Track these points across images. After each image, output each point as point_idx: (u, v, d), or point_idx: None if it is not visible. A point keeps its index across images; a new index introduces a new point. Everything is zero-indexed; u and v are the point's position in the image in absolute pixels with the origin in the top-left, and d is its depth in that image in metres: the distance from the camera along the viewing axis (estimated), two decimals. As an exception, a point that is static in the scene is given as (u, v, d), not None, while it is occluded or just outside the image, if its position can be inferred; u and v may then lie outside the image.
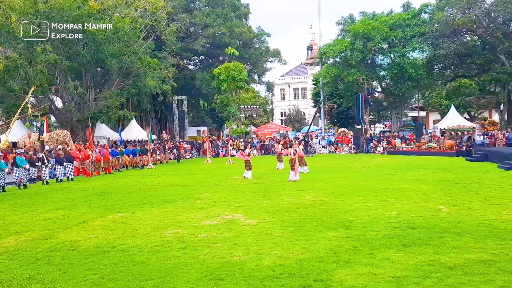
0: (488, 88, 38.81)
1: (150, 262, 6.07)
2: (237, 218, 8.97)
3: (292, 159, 15.80)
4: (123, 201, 12.08)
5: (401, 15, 39.10)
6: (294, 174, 15.59)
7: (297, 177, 15.60)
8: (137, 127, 37.53)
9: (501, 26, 33.55)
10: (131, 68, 32.58)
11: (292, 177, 15.54)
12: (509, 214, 8.37)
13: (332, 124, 53.27)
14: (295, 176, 15.57)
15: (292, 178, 15.48)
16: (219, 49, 49.17)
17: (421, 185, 13.21)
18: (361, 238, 6.90)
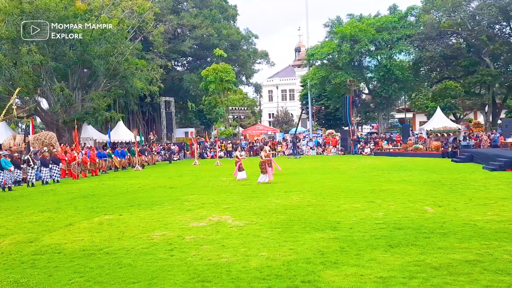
0: (473, 90, 39.36)
1: (137, 264, 6.01)
2: (225, 219, 8.95)
3: (262, 162, 15.78)
4: (109, 203, 11.97)
5: (387, 18, 39.48)
6: (265, 176, 15.58)
7: (270, 178, 15.53)
8: (124, 129, 37.26)
9: (485, 29, 34.07)
10: (118, 69, 32.35)
11: (262, 179, 15.52)
12: (494, 215, 8.48)
13: (320, 125, 53.54)
14: (267, 177, 15.54)
15: (263, 180, 15.46)
16: (207, 50, 49.08)
17: (407, 186, 13.33)
18: (348, 239, 6.93)
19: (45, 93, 31.55)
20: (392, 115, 55.75)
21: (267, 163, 15.62)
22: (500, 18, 33.79)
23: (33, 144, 23.36)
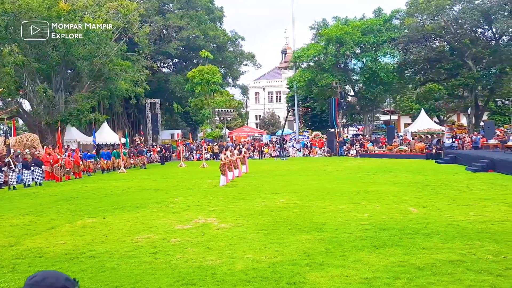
0: (456, 92, 39.94)
1: (121, 268, 5.93)
2: (211, 222, 8.90)
3: (223, 164, 15.78)
4: (93, 206, 11.80)
5: (372, 21, 39.86)
6: (224, 178, 15.57)
7: (226, 181, 15.53)
8: (108, 131, 36.87)
9: (468, 32, 34.61)
10: (102, 70, 31.98)
11: (223, 181, 15.53)
12: (476, 215, 8.59)
13: (306, 127, 53.75)
14: (226, 180, 15.54)
15: (223, 183, 15.46)
16: (193, 52, 48.91)
17: (392, 187, 13.44)
18: (333, 240, 6.94)
19: (28, 95, 31.02)
20: (378, 117, 56.25)
21: (227, 165, 15.64)
22: (482, 22, 34.35)
23: (14, 146, 22.97)
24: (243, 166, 20.58)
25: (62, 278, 1.63)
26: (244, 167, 20.84)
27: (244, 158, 21.18)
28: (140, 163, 29.68)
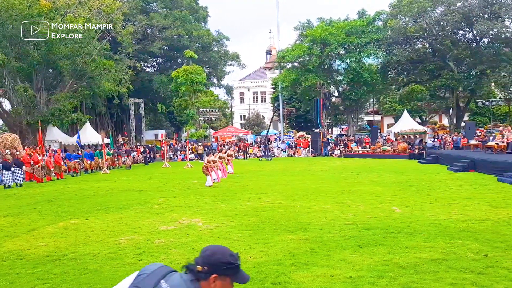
0: (438, 93, 40.58)
1: (104, 270, 5.85)
2: (195, 222, 8.85)
3: (205, 166, 15.77)
4: (75, 207, 11.63)
5: (356, 22, 40.22)
6: (209, 179, 15.60)
7: (210, 182, 15.56)
8: (91, 131, 36.40)
9: (449, 34, 35.17)
10: (85, 69, 31.56)
11: (209, 182, 15.54)
12: (458, 214, 8.73)
13: (291, 127, 53.96)
14: (211, 181, 15.55)
15: (208, 183, 15.48)
16: (177, 51, 48.64)
17: (376, 187, 13.57)
18: (318, 240, 6.97)
19: (8, 94, 30.45)
20: (361, 118, 56.82)
21: (209, 167, 15.62)
22: (463, 24, 34.96)
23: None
24: (228, 167, 20.54)
25: (227, 254, 1.87)
26: (229, 167, 20.79)
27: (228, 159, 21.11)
28: (128, 163, 29.49)
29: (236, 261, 1.89)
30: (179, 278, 1.88)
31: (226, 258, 1.87)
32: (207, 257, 1.86)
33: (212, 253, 1.87)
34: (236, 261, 1.89)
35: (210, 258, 1.85)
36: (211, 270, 1.83)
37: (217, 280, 1.83)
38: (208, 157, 16.54)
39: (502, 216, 8.31)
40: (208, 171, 15.67)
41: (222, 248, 1.93)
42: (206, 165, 15.81)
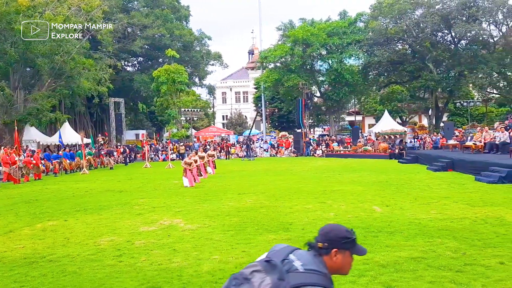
0: (418, 94, 41.22)
1: (83, 272, 5.74)
2: (177, 223, 8.77)
3: (185, 168, 15.72)
4: (54, 209, 11.41)
5: (338, 23, 40.53)
6: (186, 180, 15.54)
7: (190, 183, 15.51)
8: (70, 131, 35.76)
9: (429, 36, 35.76)
10: (64, 68, 30.99)
11: (186, 182, 15.50)
12: (437, 213, 8.86)
13: (273, 127, 54.07)
14: (189, 182, 15.49)
15: (186, 184, 15.43)
16: (159, 51, 48.24)
17: (357, 187, 13.69)
18: (300, 240, 6.97)
19: (-16, 93, 29.73)
20: (343, 118, 57.30)
21: (187, 169, 15.54)
22: (442, 26, 35.59)
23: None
24: (208, 168, 20.42)
25: (343, 230, 2.09)
26: (210, 168, 20.65)
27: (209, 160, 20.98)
28: (111, 163, 29.11)
29: (352, 235, 2.10)
30: (305, 253, 2.06)
31: (343, 233, 2.08)
32: (326, 234, 2.08)
33: (330, 230, 2.09)
34: (352, 236, 2.10)
35: (328, 234, 2.07)
36: (331, 245, 2.04)
37: (338, 253, 2.04)
38: (186, 158, 16.40)
39: (479, 215, 8.47)
40: (184, 172, 15.56)
41: (338, 225, 2.16)
42: (183, 167, 15.71)
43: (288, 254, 2.03)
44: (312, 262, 1.99)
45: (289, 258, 2.00)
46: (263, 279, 1.93)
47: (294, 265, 1.96)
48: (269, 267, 1.97)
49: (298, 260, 1.99)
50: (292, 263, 1.97)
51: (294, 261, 1.98)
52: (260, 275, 1.95)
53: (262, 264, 2.00)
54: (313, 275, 1.93)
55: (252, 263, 2.07)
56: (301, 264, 1.96)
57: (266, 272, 1.95)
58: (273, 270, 1.95)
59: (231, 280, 2.02)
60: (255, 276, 1.96)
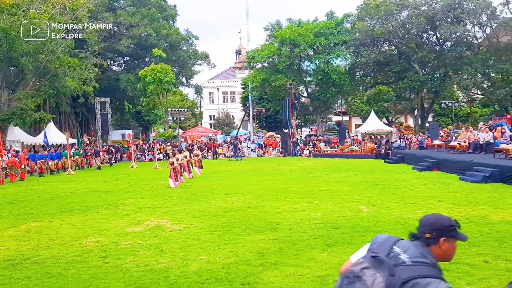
0: (403, 94, 41.64)
1: (68, 273, 5.67)
2: (163, 224, 8.72)
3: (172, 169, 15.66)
4: (38, 210, 11.24)
5: (325, 24, 40.71)
6: (171, 181, 15.48)
7: (175, 184, 15.45)
8: (55, 131, 35.32)
9: (414, 37, 36.15)
10: (48, 67, 30.60)
11: (172, 184, 15.43)
12: (422, 212, 8.94)
13: (261, 127, 54.09)
14: (174, 183, 15.44)
15: (172, 185, 15.38)
16: (145, 50, 47.91)
17: (344, 187, 13.76)
18: (287, 240, 6.99)
19: (-34, 92, 29.22)
20: (330, 118, 57.58)
21: (172, 169, 15.47)
22: (427, 27, 35.99)
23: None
24: (195, 169, 20.33)
25: (447, 219, 2.16)
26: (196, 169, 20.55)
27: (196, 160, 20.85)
28: (98, 163, 28.80)
29: (456, 223, 2.17)
30: (409, 244, 2.10)
31: (448, 222, 2.14)
32: (432, 224, 2.13)
33: (436, 220, 2.15)
34: (456, 223, 2.17)
35: (435, 224, 2.12)
36: (439, 234, 2.10)
37: (446, 242, 2.10)
38: (171, 158, 16.28)
39: (463, 214, 8.59)
40: (171, 173, 15.46)
41: (440, 215, 2.23)
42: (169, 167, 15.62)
43: (392, 246, 2.09)
44: (418, 254, 2.03)
45: (394, 251, 2.06)
46: (374, 276, 1.96)
47: (400, 258, 2.01)
48: (377, 263, 2.00)
49: (404, 252, 2.04)
50: (398, 256, 2.02)
51: (400, 254, 2.03)
52: (370, 272, 1.99)
53: (370, 260, 2.04)
54: (422, 267, 1.97)
55: (359, 259, 2.12)
56: (408, 256, 2.01)
57: (375, 268, 1.99)
58: (381, 265, 1.98)
59: (343, 280, 2.08)
60: (365, 273, 1.99)
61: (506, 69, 32.99)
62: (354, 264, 2.09)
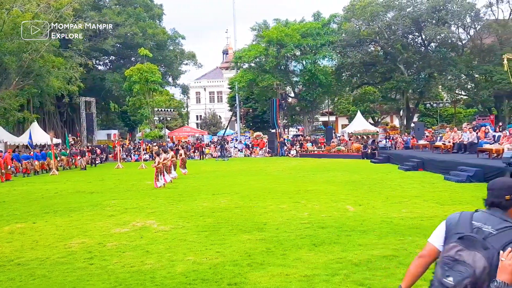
0: (389, 95, 41.99)
1: (52, 275, 5.59)
2: (150, 224, 8.65)
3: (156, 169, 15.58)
4: (22, 211, 11.07)
5: (312, 24, 40.87)
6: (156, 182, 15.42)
7: (161, 183, 15.38)
8: (39, 131, 34.76)
9: (400, 38, 36.50)
10: (32, 66, 30.13)
11: (158, 184, 15.36)
12: (408, 212, 9.05)
13: (248, 128, 54.03)
14: (155, 183, 15.37)
15: (159, 185, 15.30)
16: (131, 49, 47.50)
17: (330, 186, 13.84)
18: (274, 240, 7.00)
19: None
20: (317, 118, 57.77)
21: (157, 169, 15.39)
22: (413, 28, 36.38)
23: None
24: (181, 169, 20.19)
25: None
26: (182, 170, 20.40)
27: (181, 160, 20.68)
28: (83, 163, 28.36)
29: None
30: (485, 215, 2.14)
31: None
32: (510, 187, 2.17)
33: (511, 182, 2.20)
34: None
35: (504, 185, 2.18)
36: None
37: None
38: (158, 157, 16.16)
39: (448, 213, 8.58)
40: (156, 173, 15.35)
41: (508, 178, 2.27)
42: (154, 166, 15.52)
43: (471, 222, 2.15)
44: (499, 221, 2.09)
45: (475, 225, 2.12)
46: (473, 255, 2.03)
47: (485, 230, 2.07)
48: (468, 242, 2.07)
49: (485, 224, 2.10)
50: (482, 229, 2.08)
51: (483, 227, 2.09)
52: (466, 252, 2.05)
53: (460, 242, 2.10)
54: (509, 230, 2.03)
55: (448, 245, 2.16)
56: (491, 227, 2.07)
57: (468, 247, 2.06)
58: (473, 243, 2.05)
59: (442, 267, 2.12)
60: (462, 255, 2.06)
61: (489, 70, 33.52)
62: (446, 250, 2.16)
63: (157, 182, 15.35)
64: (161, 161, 15.89)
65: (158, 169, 15.46)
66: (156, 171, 15.41)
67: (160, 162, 15.67)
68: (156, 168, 15.43)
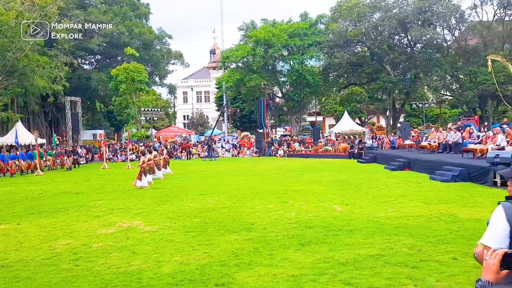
0: (376, 95, 42.32)
1: (37, 277, 5.51)
2: (136, 225, 8.58)
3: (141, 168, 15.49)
4: (5, 212, 10.90)
5: (299, 24, 41.01)
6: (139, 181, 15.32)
7: (144, 183, 15.30)
8: (23, 130, 34.26)
9: (386, 39, 36.81)
10: (16, 65, 29.65)
11: (139, 183, 15.27)
12: (394, 211, 9.13)
13: (235, 128, 54.00)
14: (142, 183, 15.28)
15: (141, 184, 15.21)
16: (117, 49, 47.09)
17: (318, 186, 13.89)
18: (262, 240, 7.00)
19: None
20: (304, 118, 57.98)
21: (142, 168, 15.31)
22: (399, 29, 36.72)
23: None
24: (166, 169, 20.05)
25: None
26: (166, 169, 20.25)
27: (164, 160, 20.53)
28: (68, 164, 27.98)
29: None
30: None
31: None
32: None
33: None
34: None
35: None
36: None
37: None
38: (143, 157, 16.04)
39: (433, 212, 8.80)
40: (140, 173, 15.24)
41: None
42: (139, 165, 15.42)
43: None
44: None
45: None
46: None
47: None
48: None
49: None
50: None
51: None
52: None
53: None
54: None
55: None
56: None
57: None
58: None
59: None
60: None
61: (473, 71, 34.00)
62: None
63: (139, 181, 15.23)
64: (146, 160, 15.80)
65: (143, 169, 15.36)
66: (140, 170, 15.30)
67: (145, 162, 15.58)
68: (140, 167, 15.33)
